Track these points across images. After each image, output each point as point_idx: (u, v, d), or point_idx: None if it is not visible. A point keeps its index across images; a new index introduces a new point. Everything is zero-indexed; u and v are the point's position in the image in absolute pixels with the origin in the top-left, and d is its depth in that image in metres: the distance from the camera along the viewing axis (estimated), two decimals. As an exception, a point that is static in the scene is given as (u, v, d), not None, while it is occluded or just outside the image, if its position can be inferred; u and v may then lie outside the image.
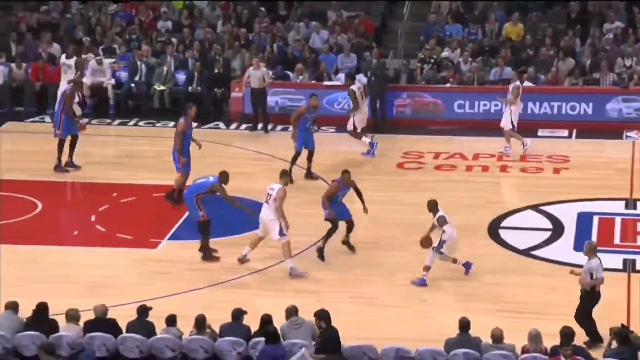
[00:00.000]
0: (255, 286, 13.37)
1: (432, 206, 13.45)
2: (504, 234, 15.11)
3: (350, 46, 22.06)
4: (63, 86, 19.57)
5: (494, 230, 15.23)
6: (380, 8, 24.22)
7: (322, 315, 10.47)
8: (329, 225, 14.12)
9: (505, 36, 22.26)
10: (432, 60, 21.38)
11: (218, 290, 13.20)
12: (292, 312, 10.66)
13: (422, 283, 13.22)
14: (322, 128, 20.26)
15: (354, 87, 18.71)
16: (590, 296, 11.43)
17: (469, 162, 18.38)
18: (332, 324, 10.54)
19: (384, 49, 22.47)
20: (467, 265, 13.56)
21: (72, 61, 19.74)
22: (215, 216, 14.96)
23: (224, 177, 14.02)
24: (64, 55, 19.93)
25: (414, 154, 18.84)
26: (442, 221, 13.26)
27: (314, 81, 21.19)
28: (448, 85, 20.97)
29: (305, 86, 20.94)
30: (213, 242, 14.24)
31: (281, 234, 13.56)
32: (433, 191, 16.86)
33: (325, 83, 21.06)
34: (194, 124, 16.58)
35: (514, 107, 18.41)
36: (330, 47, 22.06)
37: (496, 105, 20.05)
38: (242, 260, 13.87)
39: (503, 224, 15.48)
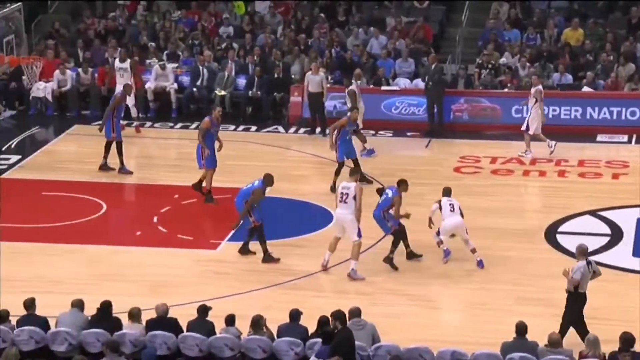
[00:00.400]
0: (313, 287, 13.40)
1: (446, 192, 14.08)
2: (561, 239, 14.91)
3: (408, 51, 22.01)
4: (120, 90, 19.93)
5: (551, 235, 15.04)
6: (438, 14, 24.14)
7: (338, 316, 10.34)
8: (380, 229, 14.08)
9: (565, 41, 22.01)
10: (489, 66, 21.22)
11: (276, 291, 13.26)
12: (355, 313, 10.66)
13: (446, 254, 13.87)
14: (379, 132, 20.29)
15: (353, 87, 18.69)
16: (573, 297, 11.32)
17: (526, 167, 18.18)
18: (387, 326, 10.50)
19: (442, 54, 22.39)
20: (446, 252, 13.81)
21: (126, 64, 20.00)
22: (276, 218, 15.07)
23: (268, 179, 14.08)
24: (117, 60, 20.22)
25: (470, 158, 18.71)
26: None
27: (371, 86, 21.19)
28: (506, 90, 20.79)
29: (363, 91, 20.94)
30: (274, 244, 14.32)
31: (359, 234, 13.52)
32: (489, 195, 16.76)
33: (383, 88, 21.04)
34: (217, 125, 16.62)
35: (535, 112, 18.29)
36: (389, 52, 22.03)
37: (554, 110, 19.83)
38: (326, 266, 13.75)
39: (561, 229, 15.28)
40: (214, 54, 22.11)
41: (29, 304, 10.78)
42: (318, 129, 20.12)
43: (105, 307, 10.81)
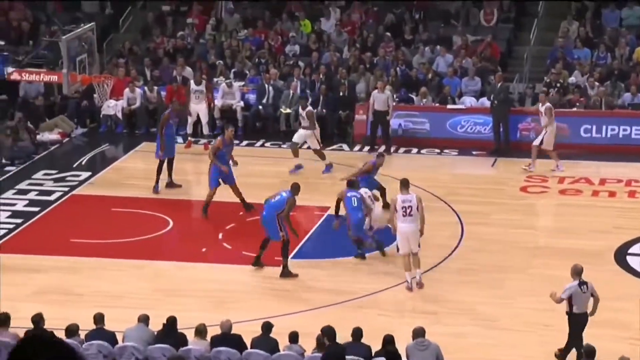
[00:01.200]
0: (376, 306, 13.36)
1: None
2: (631, 260, 14.61)
3: (475, 70, 21.89)
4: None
5: (621, 256, 14.75)
6: (506, 32, 23.98)
7: (326, 332, 10.29)
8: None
9: (637, 60, 21.64)
10: (557, 85, 20.96)
11: (339, 309, 13.25)
12: (419, 333, 10.61)
13: None
14: (444, 151, 20.18)
15: (310, 109, 18.65)
16: (570, 318, 11.34)
17: (595, 187, 17.88)
18: (451, 346, 10.41)
19: (509, 73, 22.21)
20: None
21: (202, 87, 20.23)
22: (340, 236, 15.09)
23: (296, 189, 14.25)
24: (192, 82, 20.43)
25: (537, 177, 18.48)
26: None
27: (437, 104, 21.11)
28: (574, 109, 20.51)
29: (428, 109, 20.89)
30: (338, 262, 14.34)
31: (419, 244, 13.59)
32: (557, 216, 16.53)
33: (449, 106, 20.95)
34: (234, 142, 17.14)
35: (549, 129, 18.28)
36: (455, 70, 21.95)
37: (625, 129, 19.50)
38: (419, 284, 13.64)
39: (631, 250, 14.98)
40: (280, 72, 22.30)
41: (99, 319, 10.96)
42: (382, 147, 20.11)
43: (171, 322, 10.94)
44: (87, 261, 14.67)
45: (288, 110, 21.36)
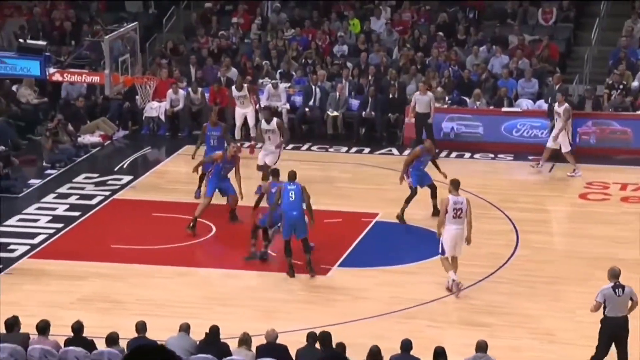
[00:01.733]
0: (426, 317, 13.30)
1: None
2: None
3: (532, 71, 21.71)
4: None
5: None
6: (565, 32, 23.74)
7: (321, 337, 10.35)
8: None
9: None
10: (620, 86, 20.69)
11: (388, 319, 13.22)
12: (482, 347, 10.56)
13: None
14: (499, 156, 20.03)
15: (279, 120, 18.30)
16: (601, 321, 11.37)
17: (659, 195, 17.62)
18: (506, 359, 10.31)
19: (568, 74, 21.99)
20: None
21: (244, 92, 20.24)
22: (389, 244, 15.06)
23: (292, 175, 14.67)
24: (234, 89, 20.48)
25: (598, 184, 18.25)
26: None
27: (491, 107, 20.97)
28: (638, 112, 20.23)
29: (482, 112, 20.76)
30: (387, 271, 14.31)
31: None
32: (618, 224, 16.30)
33: (504, 109, 20.79)
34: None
35: (566, 130, 18.32)
36: (511, 71, 21.79)
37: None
38: (457, 287, 13.67)
39: (698, 261, 14.70)
40: (328, 73, 22.33)
41: (141, 327, 11.06)
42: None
43: (214, 331, 11.00)
44: (129, 268, 14.83)
45: (335, 113, 21.38)
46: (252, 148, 20.24)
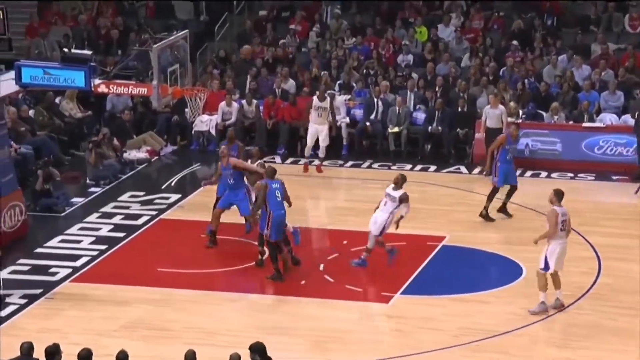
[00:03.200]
0: (498, 350, 13.21)
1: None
2: None
3: (616, 83, 21.53)
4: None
5: None
6: (655, 39, 23.56)
7: (255, 349, 10.49)
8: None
9: None
10: None
11: (456, 352, 13.18)
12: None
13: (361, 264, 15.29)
14: (579, 175, 19.89)
15: (242, 145, 17.90)
16: None
17: None
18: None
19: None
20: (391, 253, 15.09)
21: (325, 103, 20.18)
22: (460, 270, 15.05)
23: (271, 172, 15.10)
24: (315, 98, 20.46)
25: (690, 207, 18.01)
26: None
27: (571, 122, 20.84)
28: None
29: (560, 127, 20.64)
30: (455, 299, 14.29)
31: None
32: None
33: (585, 124, 20.66)
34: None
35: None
36: (593, 83, 21.64)
37: None
38: (560, 305, 13.91)
39: None
40: (391, 85, 22.39)
41: (190, 357, 11.19)
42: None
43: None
44: (177, 293, 15.02)
45: (396, 129, 21.40)
46: (319, 167, 20.35)
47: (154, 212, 18.40)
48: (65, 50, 16.90)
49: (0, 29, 17.79)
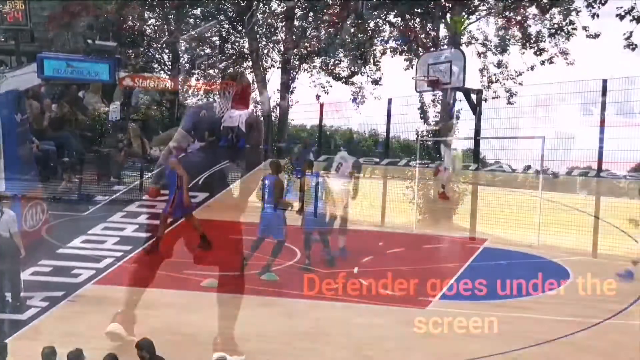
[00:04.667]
0: (537, 358, 13.11)
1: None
2: None
3: None
4: None
5: None
6: None
7: (143, 345, 10.49)
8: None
9: None
10: None
11: (498, 361, 13.12)
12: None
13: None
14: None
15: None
16: None
17: None
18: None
19: None
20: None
21: None
22: (487, 274, 14.96)
23: (276, 166, 15.27)
24: None
25: None
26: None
27: None
28: None
29: None
30: (489, 305, 14.20)
31: None
32: None
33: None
34: None
35: None
36: None
37: None
38: None
39: None
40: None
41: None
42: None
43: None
44: (205, 296, 15.00)
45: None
46: None
47: (180, 212, 18.39)
48: (89, 41, 16.96)
49: (22, 19, 17.89)
